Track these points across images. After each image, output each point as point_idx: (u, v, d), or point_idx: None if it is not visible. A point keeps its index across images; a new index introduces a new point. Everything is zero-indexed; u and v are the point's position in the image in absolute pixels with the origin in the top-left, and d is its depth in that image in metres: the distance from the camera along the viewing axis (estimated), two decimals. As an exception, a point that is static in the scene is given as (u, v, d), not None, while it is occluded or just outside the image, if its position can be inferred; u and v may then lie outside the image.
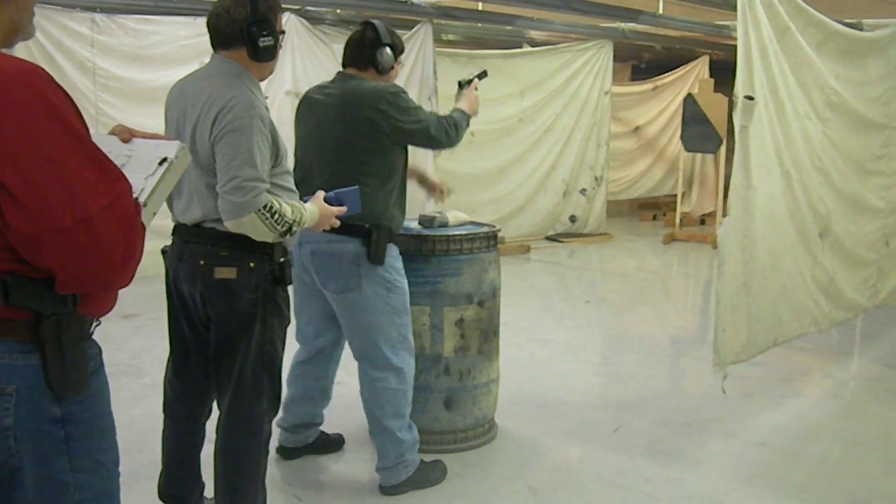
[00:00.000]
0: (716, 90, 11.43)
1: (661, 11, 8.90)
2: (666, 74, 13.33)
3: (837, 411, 5.35)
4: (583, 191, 11.19)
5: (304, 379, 4.25)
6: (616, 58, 11.16)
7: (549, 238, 10.97)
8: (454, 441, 4.40)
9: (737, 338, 4.48)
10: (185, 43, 8.11)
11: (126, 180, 1.88)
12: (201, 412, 3.45)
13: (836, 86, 5.06)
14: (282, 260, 3.12)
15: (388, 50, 3.82)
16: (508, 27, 9.82)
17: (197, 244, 3.08)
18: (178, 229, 3.17)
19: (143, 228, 1.91)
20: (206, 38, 3.09)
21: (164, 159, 2.03)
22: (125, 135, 2.10)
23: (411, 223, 4.34)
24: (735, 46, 4.31)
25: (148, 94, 7.77)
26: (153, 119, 3.89)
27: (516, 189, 10.58)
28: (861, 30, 6.35)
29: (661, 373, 6.18)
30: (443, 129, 3.80)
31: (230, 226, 2.92)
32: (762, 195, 4.48)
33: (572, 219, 11.18)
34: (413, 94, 9.12)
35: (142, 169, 2.01)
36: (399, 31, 9.23)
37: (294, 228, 3.00)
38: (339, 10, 8.83)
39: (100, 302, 1.98)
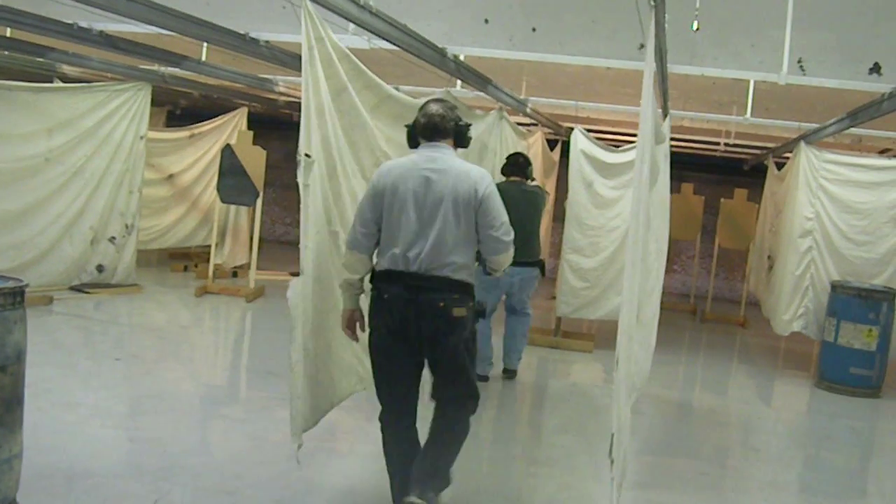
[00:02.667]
0: (255, 143, 11.40)
1: (204, 58, 8.68)
2: (204, 123, 13.07)
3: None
4: (112, 239, 10.50)
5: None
6: (152, 102, 10.73)
7: (73, 288, 10.13)
8: (-35, 529, 3.79)
9: (305, 404, 4.35)
10: None
11: None
12: (415, 411, 4.43)
13: (386, 148, 5.17)
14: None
15: None
16: (40, 59, 9.01)
17: (433, 290, 4.19)
18: (402, 276, 4.21)
19: None
20: None
21: None
22: None
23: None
24: (273, 100, 4.25)
25: None
26: None
27: (38, 234, 9.63)
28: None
29: (198, 435, 5.93)
30: None
31: (498, 259, 4.39)
32: (313, 254, 4.41)
33: (99, 268, 10.44)
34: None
35: None
36: None
37: None
38: None
39: None
